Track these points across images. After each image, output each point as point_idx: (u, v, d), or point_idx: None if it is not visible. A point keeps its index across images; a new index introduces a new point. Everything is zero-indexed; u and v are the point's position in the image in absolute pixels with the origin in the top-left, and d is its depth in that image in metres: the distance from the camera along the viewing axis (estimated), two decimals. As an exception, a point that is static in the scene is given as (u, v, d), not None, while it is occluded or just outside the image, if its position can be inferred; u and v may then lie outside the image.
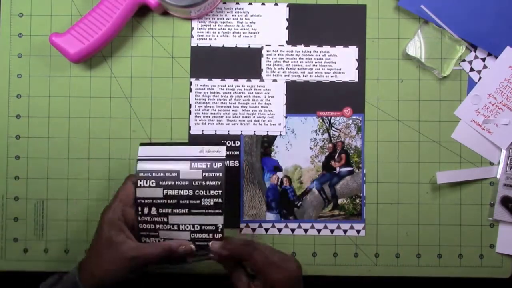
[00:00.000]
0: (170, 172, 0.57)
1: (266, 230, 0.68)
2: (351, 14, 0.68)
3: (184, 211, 0.57)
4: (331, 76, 0.68)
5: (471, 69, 0.68)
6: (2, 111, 0.68)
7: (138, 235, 0.58)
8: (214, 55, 0.68)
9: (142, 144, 0.59)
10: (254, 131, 0.68)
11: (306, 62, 0.68)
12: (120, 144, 0.68)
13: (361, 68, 0.68)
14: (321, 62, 0.68)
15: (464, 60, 0.68)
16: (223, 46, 0.68)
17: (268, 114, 0.68)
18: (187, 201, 0.57)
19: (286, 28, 0.68)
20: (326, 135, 0.68)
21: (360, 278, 0.68)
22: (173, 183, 0.57)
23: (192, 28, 0.68)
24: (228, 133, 0.68)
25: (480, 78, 0.68)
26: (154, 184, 0.57)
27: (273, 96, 0.68)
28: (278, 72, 0.68)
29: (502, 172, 0.67)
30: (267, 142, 0.68)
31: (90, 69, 0.68)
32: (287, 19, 0.68)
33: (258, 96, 0.68)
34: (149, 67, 0.68)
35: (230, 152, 0.68)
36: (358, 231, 0.68)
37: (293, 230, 0.68)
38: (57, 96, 0.68)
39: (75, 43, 0.63)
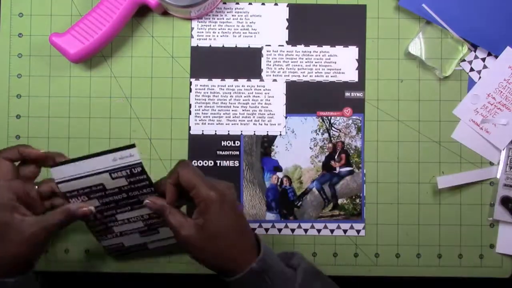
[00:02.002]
0: (95, 186, 0.57)
1: (266, 230, 0.68)
2: (351, 14, 0.68)
3: (128, 208, 0.59)
4: (331, 76, 0.68)
5: (471, 69, 0.68)
6: (2, 111, 0.68)
7: (95, 236, 0.61)
8: (214, 55, 0.68)
9: (52, 166, 0.57)
10: (254, 131, 0.68)
11: (306, 62, 0.68)
12: (120, 144, 0.67)
13: (361, 68, 0.68)
14: (321, 62, 0.68)
15: (464, 60, 0.68)
16: (223, 46, 0.68)
17: (268, 114, 0.68)
18: (126, 201, 0.59)
19: (286, 28, 0.68)
20: (326, 135, 0.68)
21: (360, 278, 0.68)
22: (103, 193, 0.58)
23: (192, 28, 0.68)
24: (228, 133, 0.68)
25: (480, 78, 0.68)
26: (86, 199, 0.57)
27: (273, 96, 0.68)
28: (278, 72, 0.68)
29: (502, 172, 0.67)
30: (267, 142, 0.68)
31: (90, 69, 0.68)
32: (287, 19, 0.68)
33: (258, 96, 0.68)
34: (149, 67, 0.68)
35: (230, 152, 0.68)
36: (358, 231, 0.68)
37: (293, 230, 0.68)
38: (57, 96, 0.68)
39: (75, 43, 0.63)
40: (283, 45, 0.68)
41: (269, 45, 0.68)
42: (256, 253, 0.54)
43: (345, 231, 0.68)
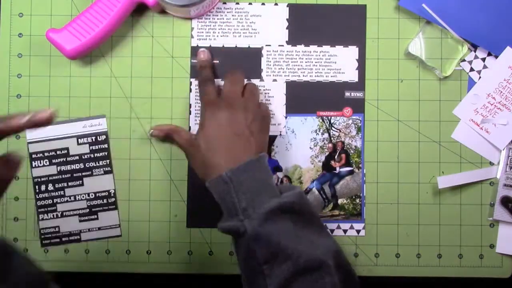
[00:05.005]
0: (61, 150, 0.65)
1: (266, 230, 0.68)
2: (351, 14, 0.68)
3: (79, 182, 0.66)
4: (331, 76, 0.68)
5: (471, 69, 0.68)
6: (2, 111, 0.68)
7: (36, 212, 0.66)
8: (214, 55, 0.68)
9: None
10: (254, 131, 0.68)
11: (306, 62, 0.68)
12: (120, 144, 0.68)
13: (361, 68, 0.68)
14: (321, 62, 0.68)
15: (464, 60, 0.68)
16: (223, 46, 0.68)
17: (268, 114, 0.68)
18: (80, 174, 0.66)
19: (286, 28, 0.68)
20: (326, 135, 0.68)
21: (360, 278, 0.68)
22: (64, 159, 0.65)
23: (192, 28, 0.68)
24: (228, 133, 0.68)
25: (480, 78, 0.68)
26: (47, 163, 0.64)
27: (273, 96, 0.68)
28: (278, 72, 0.68)
29: (502, 172, 0.67)
30: (267, 142, 0.68)
31: (90, 69, 0.68)
32: (287, 19, 0.68)
33: (258, 96, 0.68)
34: (149, 67, 0.68)
35: (230, 152, 0.68)
36: (358, 231, 0.68)
37: (293, 230, 0.68)
38: (57, 96, 0.68)
39: (72, 40, 0.63)
40: (283, 45, 0.68)
41: (269, 45, 0.68)
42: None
43: (345, 231, 0.68)
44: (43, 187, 0.65)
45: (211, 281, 0.67)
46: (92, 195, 0.66)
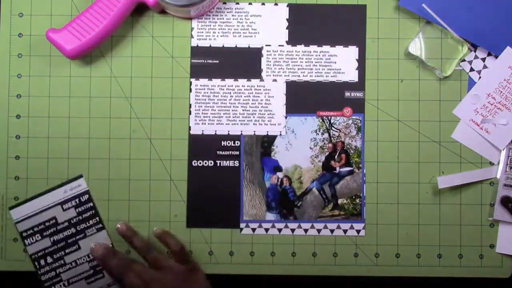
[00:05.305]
0: (49, 221, 0.65)
1: (266, 230, 0.68)
2: (351, 14, 0.68)
3: (75, 247, 0.65)
4: (331, 76, 0.68)
5: (471, 69, 0.68)
6: (2, 111, 0.68)
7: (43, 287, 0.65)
8: (214, 55, 0.68)
9: (11, 208, 0.66)
10: (254, 131, 0.68)
11: (306, 62, 0.68)
12: (120, 144, 0.68)
13: (361, 68, 0.68)
14: (321, 62, 0.68)
15: (464, 60, 0.68)
16: (223, 46, 0.68)
17: (268, 114, 0.68)
18: (74, 238, 0.65)
19: (286, 28, 0.68)
20: (326, 135, 0.68)
21: (360, 278, 0.68)
22: (55, 229, 0.65)
23: (192, 28, 0.68)
24: (228, 133, 0.68)
25: (480, 78, 0.68)
26: (40, 238, 0.64)
27: (273, 96, 0.68)
28: (278, 72, 0.68)
29: (502, 172, 0.67)
30: (267, 142, 0.68)
31: (90, 69, 0.68)
32: (287, 19, 0.68)
33: (258, 96, 0.68)
34: (149, 67, 0.68)
35: (230, 152, 0.68)
36: (358, 231, 0.68)
37: (293, 230, 0.68)
38: (57, 96, 0.68)
39: (71, 40, 0.63)
40: (283, 45, 0.68)
41: (269, 45, 0.68)
42: None
43: (345, 231, 0.68)
44: (42, 262, 0.65)
45: (211, 280, 0.67)
46: (91, 256, 0.66)
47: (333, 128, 0.68)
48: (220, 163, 0.68)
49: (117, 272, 0.62)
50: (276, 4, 0.68)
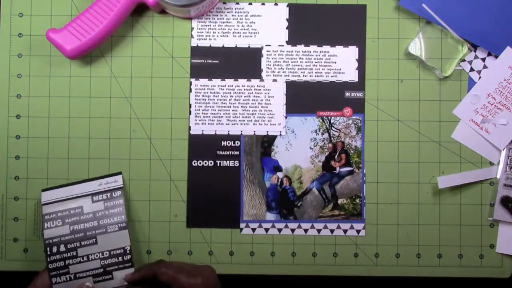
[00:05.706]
0: (74, 209, 0.64)
1: (266, 230, 0.68)
2: (351, 14, 0.68)
3: (92, 241, 0.63)
4: (331, 76, 0.68)
5: (471, 69, 0.68)
6: (2, 111, 0.68)
7: (49, 276, 0.62)
8: (214, 55, 0.68)
9: (44, 190, 0.65)
10: (254, 131, 0.68)
11: (306, 62, 0.68)
12: (120, 144, 0.68)
13: (361, 68, 0.68)
14: (321, 62, 0.68)
15: (464, 60, 0.68)
16: (223, 46, 0.68)
17: (268, 114, 0.68)
18: (94, 232, 0.63)
19: (286, 28, 0.68)
20: (326, 135, 0.68)
21: (360, 278, 0.68)
22: (78, 218, 0.63)
23: (192, 28, 0.68)
24: (228, 133, 0.68)
25: (480, 78, 0.68)
26: (60, 223, 0.63)
27: (273, 96, 0.68)
28: (278, 72, 0.68)
29: (502, 172, 0.67)
30: (267, 142, 0.68)
31: (90, 69, 0.68)
32: (287, 19, 0.68)
33: (258, 96, 0.68)
34: (149, 67, 0.68)
35: (230, 152, 0.68)
36: (358, 231, 0.68)
37: (293, 230, 0.68)
38: (57, 96, 0.68)
39: (71, 40, 0.63)
40: (283, 45, 0.68)
41: (269, 45, 0.68)
42: None
43: (345, 231, 0.68)
44: (54, 249, 0.63)
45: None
46: (106, 254, 0.63)
47: (333, 128, 0.68)
48: (220, 163, 0.68)
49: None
50: (276, 4, 0.68)
